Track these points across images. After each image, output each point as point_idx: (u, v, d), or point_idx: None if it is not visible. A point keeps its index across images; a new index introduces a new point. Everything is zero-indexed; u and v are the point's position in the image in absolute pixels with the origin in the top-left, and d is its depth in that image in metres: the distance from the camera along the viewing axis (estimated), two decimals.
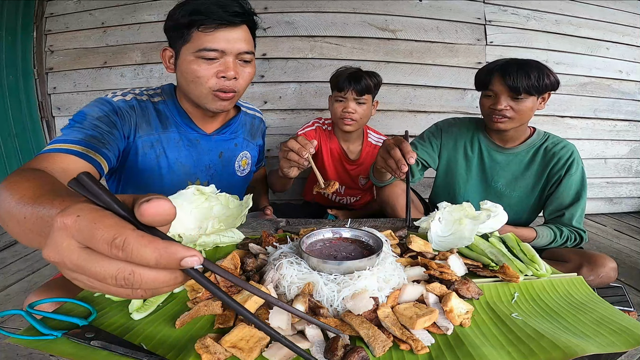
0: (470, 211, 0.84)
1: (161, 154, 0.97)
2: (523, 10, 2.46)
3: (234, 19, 0.86)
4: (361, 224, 0.95)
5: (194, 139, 1.02)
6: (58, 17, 2.42)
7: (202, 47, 0.86)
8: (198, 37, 0.86)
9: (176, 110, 1.00)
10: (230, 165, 1.10)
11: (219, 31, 0.86)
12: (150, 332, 0.53)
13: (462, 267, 0.71)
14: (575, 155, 1.24)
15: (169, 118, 0.99)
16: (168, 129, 0.99)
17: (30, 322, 0.51)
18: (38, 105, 2.48)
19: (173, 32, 0.91)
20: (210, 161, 1.05)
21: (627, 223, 2.60)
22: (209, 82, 0.89)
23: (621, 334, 0.52)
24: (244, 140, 1.13)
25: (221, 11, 0.85)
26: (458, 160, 1.36)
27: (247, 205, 0.88)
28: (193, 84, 0.90)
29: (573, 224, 1.23)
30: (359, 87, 1.45)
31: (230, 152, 1.09)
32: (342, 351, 0.47)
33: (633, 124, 2.69)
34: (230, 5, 0.86)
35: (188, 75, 0.90)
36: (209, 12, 0.84)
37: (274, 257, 0.67)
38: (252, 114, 1.20)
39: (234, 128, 1.10)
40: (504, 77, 1.14)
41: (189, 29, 0.87)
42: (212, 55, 0.87)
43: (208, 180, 1.06)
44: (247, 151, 1.15)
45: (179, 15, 0.87)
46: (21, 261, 1.89)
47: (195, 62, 0.88)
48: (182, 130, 1.01)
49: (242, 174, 1.14)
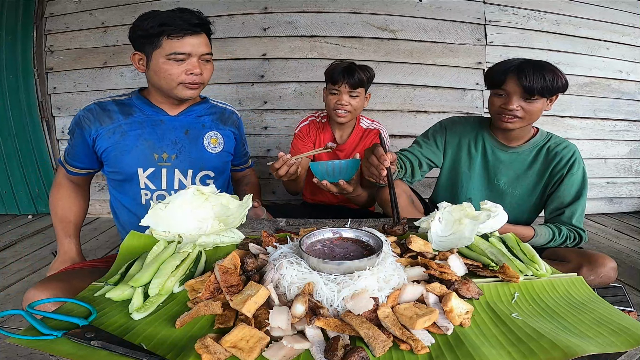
0: (470, 211, 0.84)
1: (123, 134, 1.16)
2: (523, 10, 2.46)
3: (195, 28, 1.08)
4: (361, 224, 0.95)
5: (158, 120, 1.21)
6: (58, 17, 2.42)
7: (172, 52, 1.07)
8: (168, 44, 1.06)
9: (140, 101, 1.21)
10: (198, 141, 1.25)
11: (185, 38, 1.07)
12: (150, 332, 0.53)
13: (462, 267, 0.71)
14: (577, 155, 1.25)
15: (132, 107, 1.20)
16: (133, 114, 1.19)
17: (30, 322, 0.51)
18: (38, 105, 2.48)
19: (143, 39, 1.09)
20: (176, 137, 1.22)
21: (627, 223, 2.60)
22: (179, 77, 1.10)
23: (621, 334, 0.52)
24: (212, 123, 1.30)
25: (185, 23, 1.06)
26: (462, 157, 1.37)
27: (247, 206, 0.89)
28: (165, 80, 1.11)
29: (573, 223, 1.23)
30: (352, 80, 1.49)
31: (197, 130, 1.26)
32: (342, 351, 0.47)
33: (633, 124, 2.69)
34: (192, 18, 1.08)
35: (161, 73, 1.10)
36: (176, 23, 1.06)
37: (274, 257, 0.67)
38: (223, 107, 1.36)
39: (198, 112, 1.27)
40: (520, 77, 1.13)
41: (159, 37, 1.06)
42: (181, 57, 1.08)
43: (176, 154, 1.21)
44: (217, 132, 1.30)
45: (148, 27, 1.06)
46: (21, 261, 1.89)
47: (167, 63, 1.08)
48: (147, 113, 1.20)
49: (213, 150, 1.28)
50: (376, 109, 2.43)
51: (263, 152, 2.50)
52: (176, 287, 0.64)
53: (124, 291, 0.60)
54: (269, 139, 2.47)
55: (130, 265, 0.68)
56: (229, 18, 2.35)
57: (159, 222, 0.81)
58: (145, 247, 0.77)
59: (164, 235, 0.80)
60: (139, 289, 0.59)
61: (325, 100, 1.60)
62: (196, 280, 0.63)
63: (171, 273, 0.64)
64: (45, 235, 2.27)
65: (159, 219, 0.80)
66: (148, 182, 1.19)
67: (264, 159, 2.51)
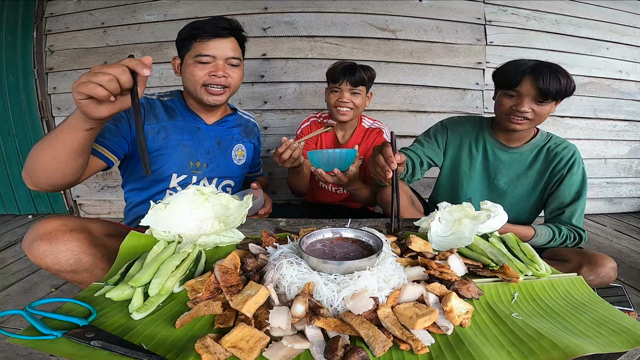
0: (470, 211, 0.84)
1: (167, 137, 1.17)
2: (523, 10, 2.46)
3: (222, 32, 1.13)
4: (361, 224, 0.95)
5: (196, 127, 1.24)
6: (58, 17, 2.41)
7: (198, 53, 1.12)
8: (196, 47, 1.12)
9: (181, 105, 1.24)
10: (227, 152, 1.30)
11: (211, 41, 1.12)
12: (150, 332, 0.53)
13: (462, 267, 0.71)
14: (577, 156, 1.26)
15: (175, 110, 1.22)
16: (175, 118, 1.21)
17: (30, 322, 0.51)
18: (38, 105, 2.47)
19: (180, 44, 1.16)
20: (209, 146, 1.25)
21: (627, 223, 2.60)
22: (202, 79, 1.14)
23: (621, 334, 0.52)
24: (239, 135, 1.35)
25: (213, 27, 1.12)
26: (462, 157, 1.37)
27: (247, 206, 0.89)
28: (190, 82, 1.15)
29: (573, 223, 1.23)
30: (353, 78, 1.51)
31: (227, 142, 1.31)
32: (342, 351, 0.47)
33: (633, 124, 2.69)
34: (221, 22, 1.13)
35: (188, 75, 1.15)
36: (204, 28, 1.12)
37: (274, 257, 0.67)
38: (247, 118, 1.43)
39: (230, 123, 1.33)
40: (537, 80, 1.11)
41: (190, 41, 1.13)
42: (205, 59, 1.12)
43: (207, 163, 1.24)
44: (242, 144, 1.36)
45: (185, 32, 1.14)
46: (21, 261, 1.89)
47: (194, 65, 1.13)
48: (187, 119, 1.23)
49: (238, 162, 1.34)
50: (376, 109, 2.43)
51: (263, 152, 2.49)
52: (176, 287, 0.64)
53: (124, 291, 0.60)
54: (269, 139, 2.47)
55: (130, 265, 0.68)
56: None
57: (159, 222, 0.81)
58: (145, 247, 0.77)
59: (164, 235, 0.80)
60: (139, 289, 0.59)
61: (327, 100, 1.61)
62: (196, 280, 0.63)
63: (171, 273, 0.64)
64: None
65: (159, 219, 0.80)
66: (178, 187, 1.20)
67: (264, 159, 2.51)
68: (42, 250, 0.80)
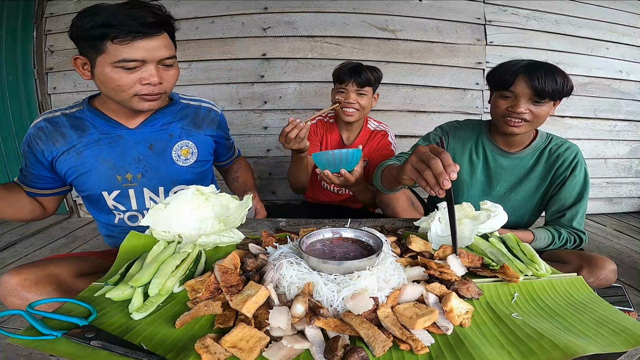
0: (470, 211, 0.85)
1: (80, 154, 1.01)
2: (523, 10, 2.46)
3: (149, 30, 0.85)
4: (361, 224, 0.95)
5: (116, 135, 1.03)
6: (58, 17, 2.41)
7: (120, 59, 0.85)
8: (114, 49, 0.85)
9: (92, 114, 1.02)
10: (165, 155, 1.09)
11: (136, 42, 0.85)
12: (150, 332, 0.53)
13: (461, 267, 0.71)
14: (580, 157, 1.22)
15: (85, 121, 1.02)
16: (86, 132, 1.02)
17: (30, 322, 0.51)
18: (38, 105, 2.48)
19: (83, 41, 0.88)
20: (138, 153, 1.05)
21: (627, 223, 2.60)
22: (133, 88, 0.90)
23: (621, 334, 0.52)
24: (182, 130, 1.11)
25: (135, 23, 0.83)
26: (463, 165, 1.32)
27: (247, 206, 0.88)
28: (114, 91, 0.91)
29: (573, 225, 1.21)
30: (359, 79, 1.50)
31: (164, 142, 1.08)
32: (342, 351, 0.47)
33: (633, 124, 2.69)
34: (144, 17, 0.84)
35: (108, 84, 0.90)
36: (121, 24, 0.82)
37: (274, 257, 0.67)
38: (196, 104, 1.17)
39: (163, 119, 1.09)
40: (531, 79, 1.08)
41: (102, 41, 0.85)
42: (132, 65, 0.87)
43: (142, 172, 1.06)
44: (189, 140, 1.12)
45: (88, 27, 0.84)
46: (21, 261, 1.89)
47: (115, 71, 0.87)
48: (102, 129, 1.03)
49: (184, 163, 1.11)
50: (376, 109, 2.43)
51: (263, 152, 2.50)
52: (176, 287, 0.64)
53: (124, 291, 0.60)
54: (269, 139, 2.47)
55: (130, 265, 0.68)
56: (229, 18, 2.35)
57: (158, 222, 0.80)
58: (145, 247, 0.77)
59: (164, 235, 0.80)
60: (139, 289, 0.59)
61: (333, 101, 1.61)
62: (196, 280, 0.63)
63: (171, 273, 0.64)
64: (45, 235, 2.27)
65: (159, 219, 0.80)
66: (116, 204, 1.06)
67: (264, 159, 2.51)
68: (18, 304, 0.76)
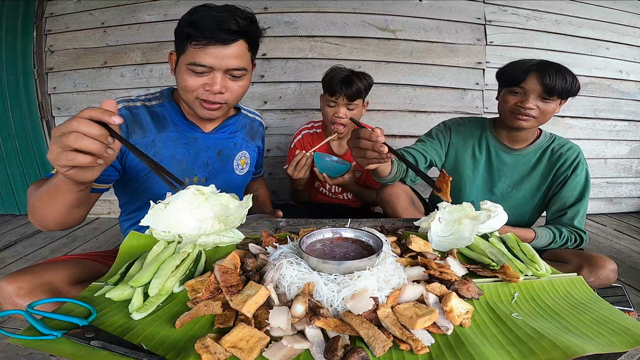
0: (470, 211, 0.84)
1: (156, 153, 1.01)
2: (523, 10, 2.46)
3: (226, 37, 0.88)
4: (361, 224, 0.95)
5: (192, 137, 1.06)
6: (58, 17, 2.41)
7: (192, 61, 0.90)
8: (191, 51, 0.90)
9: (173, 111, 1.05)
10: (228, 163, 1.13)
11: (209, 47, 0.88)
12: (150, 332, 0.53)
13: (461, 268, 0.71)
14: (581, 157, 1.25)
15: (166, 118, 1.04)
16: (166, 128, 1.03)
17: (30, 322, 0.51)
18: (38, 105, 2.47)
19: (176, 38, 0.94)
20: (208, 158, 1.08)
21: (627, 223, 2.60)
22: (196, 92, 0.94)
23: (621, 334, 0.52)
24: (242, 141, 1.17)
25: (215, 28, 0.86)
26: (465, 160, 1.35)
27: (247, 206, 0.88)
28: (182, 90, 0.96)
29: (574, 224, 1.23)
30: (350, 92, 1.49)
31: (229, 150, 1.13)
32: (342, 351, 0.47)
33: (633, 124, 2.69)
34: (226, 22, 0.86)
35: (179, 82, 0.95)
36: (203, 27, 0.86)
37: (274, 257, 0.67)
38: (252, 117, 1.24)
39: (232, 128, 1.15)
40: (543, 76, 1.12)
41: (185, 41, 0.90)
42: (200, 70, 0.91)
43: (206, 177, 1.08)
44: (246, 151, 1.18)
45: (181, 25, 0.90)
46: (21, 261, 1.89)
47: (186, 72, 0.92)
48: (181, 129, 1.05)
49: (240, 172, 1.17)
50: (376, 109, 2.43)
51: None
52: (176, 287, 0.64)
53: (124, 291, 0.60)
54: (269, 139, 2.47)
55: (130, 265, 0.68)
56: None
57: (159, 222, 0.80)
58: (145, 247, 0.77)
59: (164, 235, 0.80)
60: (139, 289, 0.59)
61: (323, 111, 1.61)
62: (196, 280, 0.63)
63: (171, 273, 0.64)
64: (45, 235, 2.27)
65: (159, 219, 0.80)
66: None
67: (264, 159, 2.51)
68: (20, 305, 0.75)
